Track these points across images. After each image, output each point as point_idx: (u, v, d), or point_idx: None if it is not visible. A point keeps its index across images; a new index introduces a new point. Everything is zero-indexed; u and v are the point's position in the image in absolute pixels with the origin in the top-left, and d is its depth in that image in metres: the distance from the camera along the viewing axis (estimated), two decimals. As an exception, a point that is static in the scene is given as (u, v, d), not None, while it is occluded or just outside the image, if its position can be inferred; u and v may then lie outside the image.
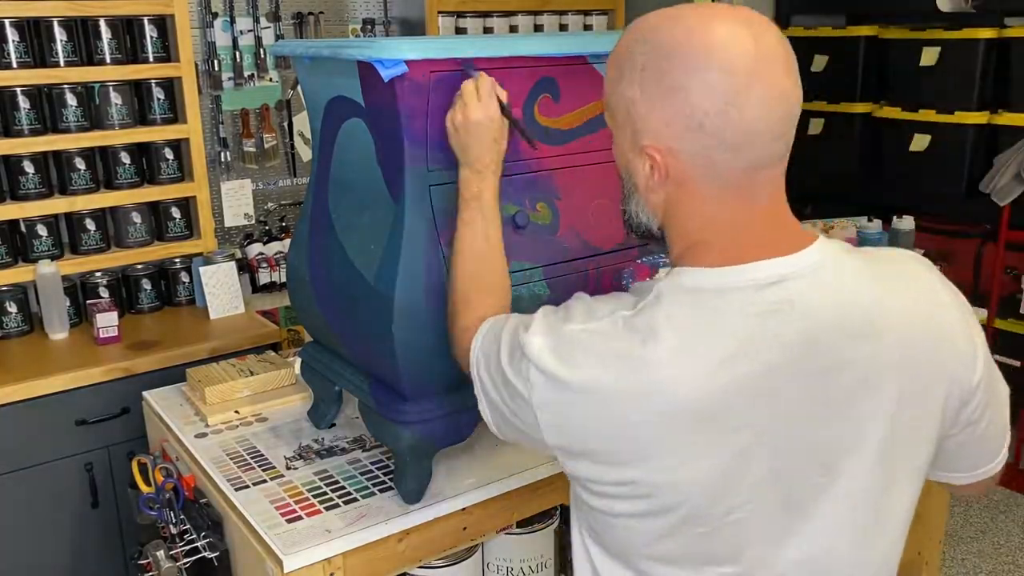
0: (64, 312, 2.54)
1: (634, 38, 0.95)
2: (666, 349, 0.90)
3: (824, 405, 0.93)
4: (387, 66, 1.28)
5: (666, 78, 0.90)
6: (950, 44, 3.49)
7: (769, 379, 0.91)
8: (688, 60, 0.89)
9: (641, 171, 0.97)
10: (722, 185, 0.93)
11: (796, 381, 0.92)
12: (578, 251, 1.54)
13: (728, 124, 0.89)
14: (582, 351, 0.94)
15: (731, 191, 0.93)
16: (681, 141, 0.92)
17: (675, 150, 0.92)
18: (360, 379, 1.55)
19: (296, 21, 3.12)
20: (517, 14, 3.44)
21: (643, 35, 0.94)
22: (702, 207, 0.95)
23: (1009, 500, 3.41)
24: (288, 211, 3.16)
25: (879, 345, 0.94)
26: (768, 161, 0.93)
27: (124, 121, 2.63)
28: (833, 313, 0.93)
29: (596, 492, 0.99)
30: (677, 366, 0.90)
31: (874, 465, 0.96)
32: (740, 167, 0.92)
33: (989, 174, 3.38)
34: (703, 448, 0.91)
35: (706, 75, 0.88)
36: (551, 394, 0.96)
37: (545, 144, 1.50)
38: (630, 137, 0.97)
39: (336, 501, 1.47)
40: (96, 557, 2.38)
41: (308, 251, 1.60)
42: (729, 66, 0.88)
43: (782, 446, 0.93)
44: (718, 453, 0.92)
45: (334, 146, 1.54)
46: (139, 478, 1.72)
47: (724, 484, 0.93)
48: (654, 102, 0.92)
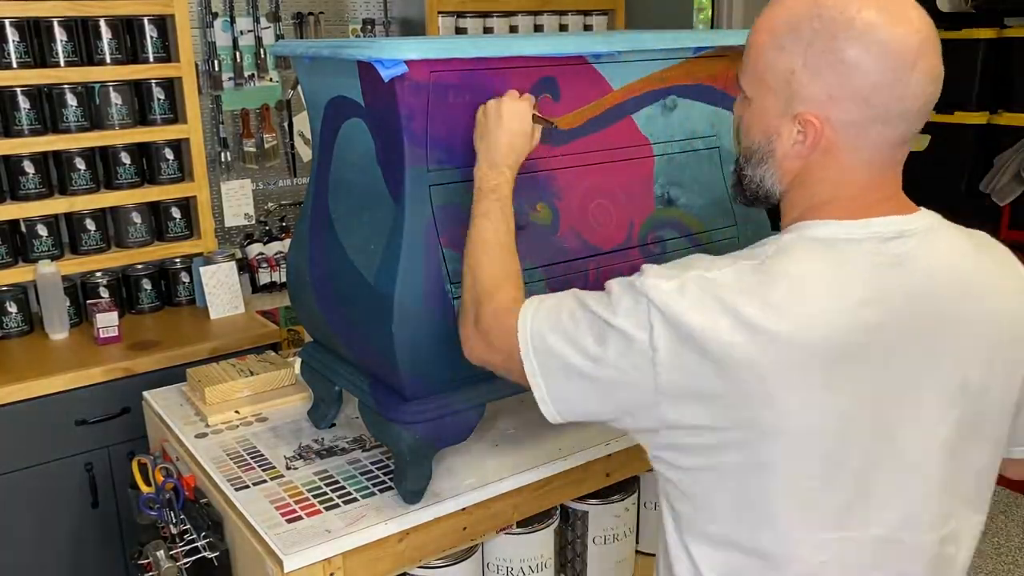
0: (64, 312, 2.54)
1: (801, 12, 0.98)
2: (797, 291, 0.94)
3: (930, 355, 0.98)
4: (387, 66, 1.28)
5: (838, 52, 0.94)
6: (950, 44, 3.47)
7: (890, 327, 0.96)
8: (862, 36, 0.94)
9: (787, 137, 1.00)
10: (868, 156, 0.98)
11: (911, 331, 0.97)
12: (578, 251, 1.54)
13: (893, 99, 0.95)
14: (711, 292, 0.95)
15: (875, 163, 0.99)
16: (842, 112, 0.96)
17: (832, 120, 0.97)
18: (360, 379, 1.55)
19: (296, 21, 3.12)
20: (517, 14, 3.44)
21: (813, 9, 0.97)
22: (842, 174, 1.00)
23: (1009, 500, 3.41)
24: (288, 211, 3.16)
25: (979, 308, 1.01)
26: (911, 136, 0.99)
27: (124, 121, 2.63)
28: (946, 272, 1.00)
29: (701, 446, 0.98)
30: (807, 307, 0.93)
31: (961, 422, 1.01)
32: (890, 141, 0.98)
33: (989, 174, 3.38)
34: (825, 391, 0.94)
35: (879, 51, 0.93)
36: (675, 333, 0.95)
37: (545, 144, 1.50)
38: (783, 103, 1.00)
39: (336, 501, 1.47)
40: (96, 557, 2.38)
41: (308, 251, 1.60)
42: (899, 44, 0.93)
43: (892, 392, 0.97)
44: (838, 397, 0.94)
45: (334, 146, 1.54)
46: (139, 478, 1.72)
47: (839, 431, 0.95)
48: (821, 73, 0.96)
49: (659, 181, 1.65)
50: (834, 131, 0.97)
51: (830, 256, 0.97)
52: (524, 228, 1.47)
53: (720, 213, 1.71)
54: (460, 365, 1.42)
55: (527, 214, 1.47)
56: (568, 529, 1.82)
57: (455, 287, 1.39)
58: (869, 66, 0.94)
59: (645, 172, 1.64)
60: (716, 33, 1.72)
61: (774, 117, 1.01)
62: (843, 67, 0.94)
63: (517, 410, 1.78)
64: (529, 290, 1.46)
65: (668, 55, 1.60)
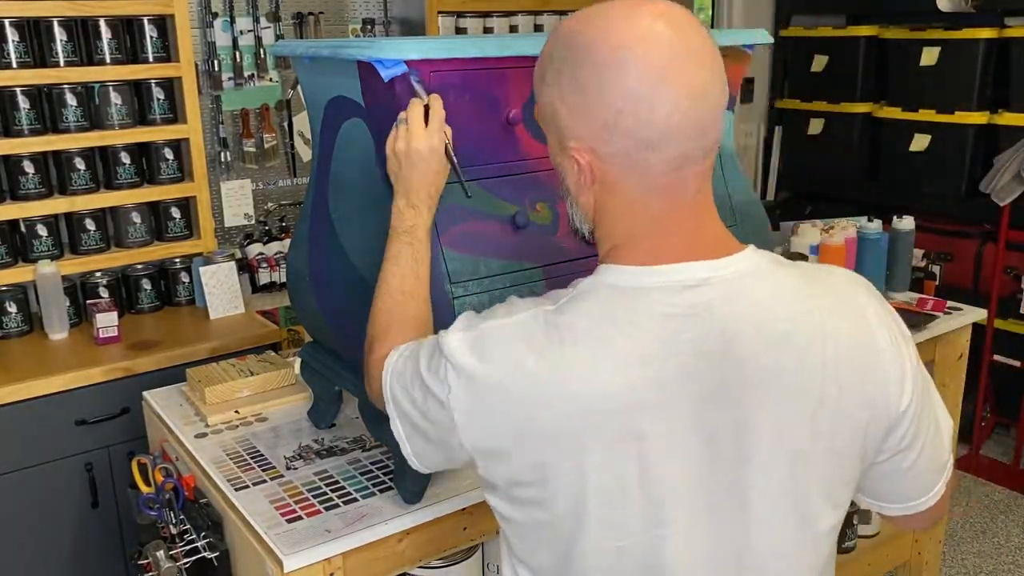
0: (64, 312, 2.54)
1: (554, 42, 0.95)
2: (583, 347, 0.89)
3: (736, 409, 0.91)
4: (387, 66, 1.28)
5: (580, 80, 0.90)
6: (950, 44, 3.50)
7: (683, 383, 0.90)
8: (599, 61, 0.89)
9: (571, 173, 0.97)
10: (647, 185, 0.92)
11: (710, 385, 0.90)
12: (578, 251, 1.53)
13: (641, 122, 0.88)
14: (499, 345, 0.93)
15: (656, 191, 0.92)
16: (601, 142, 0.91)
17: (597, 151, 0.92)
18: (360, 379, 1.55)
19: (296, 21, 3.12)
20: (517, 14, 3.44)
21: (561, 38, 0.94)
22: (629, 207, 0.94)
23: (1009, 500, 3.41)
24: (288, 211, 3.16)
25: (799, 357, 0.92)
26: (693, 158, 0.91)
27: (124, 121, 2.63)
28: (752, 321, 0.91)
29: (517, 499, 0.96)
30: (592, 364, 0.89)
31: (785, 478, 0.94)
32: (662, 166, 0.90)
33: (989, 174, 3.38)
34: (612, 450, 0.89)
35: (616, 74, 0.88)
36: (467, 391, 0.94)
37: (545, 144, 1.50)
38: (557, 140, 0.97)
39: (336, 501, 1.47)
40: (96, 557, 2.38)
41: (308, 251, 1.60)
42: (639, 64, 0.87)
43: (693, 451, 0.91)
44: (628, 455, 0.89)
45: (334, 146, 1.54)
46: (139, 478, 1.72)
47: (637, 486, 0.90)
48: (573, 104, 0.92)
49: (659, 181, 1.65)
50: (603, 163, 0.92)
51: (617, 310, 0.91)
52: (524, 228, 1.47)
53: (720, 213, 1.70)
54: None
55: (527, 214, 1.47)
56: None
57: (455, 287, 1.39)
58: (608, 91, 0.88)
59: (645, 172, 1.64)
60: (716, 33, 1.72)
61: (557, 155, 0.99)
62: (585, 95, 0.90)
63: (517, 410, 1.78)
64: (530, 290, 1.46)
65: (668, 55, 1.59)
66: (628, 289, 0.92)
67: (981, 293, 3.58)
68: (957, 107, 3.51)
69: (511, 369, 0.91)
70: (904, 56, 3.67)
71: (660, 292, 0.91)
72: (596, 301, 0.92)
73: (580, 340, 0.90)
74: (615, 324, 0.90)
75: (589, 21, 0.92)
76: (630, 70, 0.87)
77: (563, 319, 0.92)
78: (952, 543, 3.11)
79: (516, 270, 1.45)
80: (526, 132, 1.47)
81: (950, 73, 3.52)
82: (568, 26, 0.94)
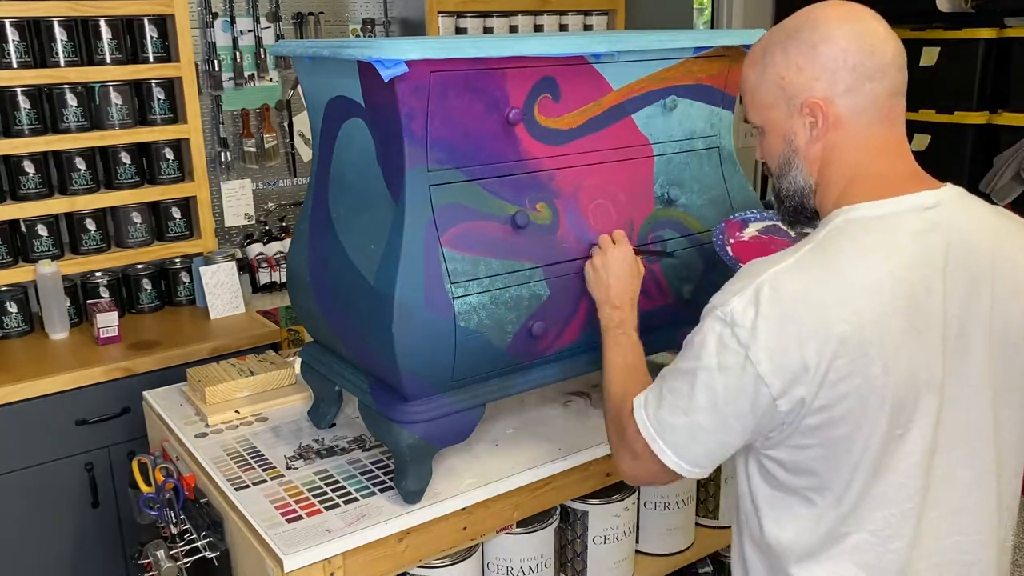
0: (64, 312, 2.54)
1: (761, 45, 1.17)
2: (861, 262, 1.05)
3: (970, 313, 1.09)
4: (387, 66, 1.28)
5: (806, 43, 1.11)
6: (950, 44, 3.49)
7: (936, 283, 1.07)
8: (816, 25, 1.11)
9: (802, 130, 1.14)
10: (872, 115, 1.11)
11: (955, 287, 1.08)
12: (578, 251, 1.54)
13: (865, 56, 1.09)
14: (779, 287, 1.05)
15: (878, 121, 1.11)
16: (833, 85, 1.10)
17: (829, 97, 1.11)
18: (360, 379, 1.55)
19: (296, 21, 3.12)
20: (517, 14, 3.44)
21: (768, 38, 1.16)
22: (855, 141, 1.12)
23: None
24: (288, 211, 3.16)
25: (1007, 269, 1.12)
26: (899, 88, 1.12)
27: (124, 121, 2.63)
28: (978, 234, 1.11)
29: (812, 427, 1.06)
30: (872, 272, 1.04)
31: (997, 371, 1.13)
32: (883, 93, 1.10)
33: (989, 174, 3.38)
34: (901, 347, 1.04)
35: (836, 28, 1.10)
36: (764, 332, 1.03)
37: (545, 144, 1.51)
38: (785, 108, 1.14)
39: (336, 501, 1.47)
40: (96, 557, 2.38)
41: (308, 251, 1.60)
42: (848, 16, 1.10)
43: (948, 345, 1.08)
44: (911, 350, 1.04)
45: (334, 146, 1.54)
46: (139, 478, 1.72)
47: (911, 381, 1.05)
48: (801, 65, 1.11)
49: (659, 181, 1.66)
50: (836, 105, 1.11)
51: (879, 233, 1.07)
52: (524, 228, 1.47)
53: (720, 212, 1.71)
54: (459, 365, 1.43)
55: (527, 214, 1.47)
56: (568, 529, 1.82)
57: (455, 287, 1.39)
58: (835, 40, 1.09)
59: (645, 172, 1.64)
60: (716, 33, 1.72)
61: (785, 122, 1.16)
62: (815, 51, 1.10)
63: (517, 410, 1.78)
64: (530, 290, 1.47)
65: (668, 55, 1.60)
66: (881, 216, 1.08)
67: (981, 293, 3.58)
68: (957, 107, 3.51)
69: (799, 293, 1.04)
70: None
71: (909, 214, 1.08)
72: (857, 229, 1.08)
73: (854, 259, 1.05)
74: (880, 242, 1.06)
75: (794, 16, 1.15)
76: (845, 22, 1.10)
77: (830, 249, 1.07)
78: (952, 543, 3.10)
79: (516, 270, 1.46)
80: (526, 132, 1.48)
81: (950, 73, 3.52)
82: (769, 33, 1.17)
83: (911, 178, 1.12)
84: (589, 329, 1.56)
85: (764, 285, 1.06)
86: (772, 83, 1.15)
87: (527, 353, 1.51)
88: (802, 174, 1.17)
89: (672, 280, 1.67)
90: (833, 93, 1.10)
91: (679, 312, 1.68)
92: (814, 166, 1.15)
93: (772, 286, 1.05)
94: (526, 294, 1.46)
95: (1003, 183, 3.30)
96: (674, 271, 1.66)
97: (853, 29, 1.10)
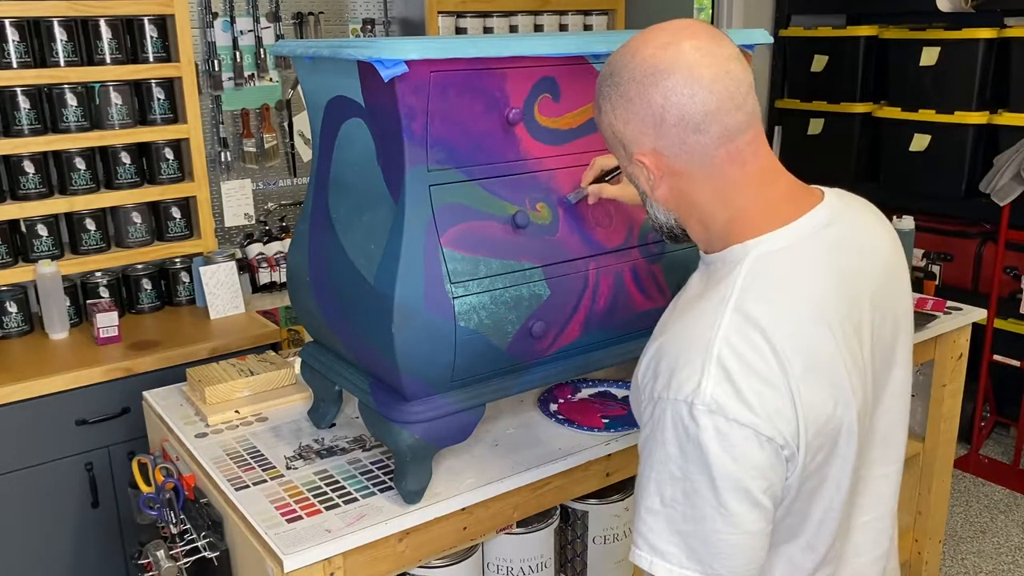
0: (64, 312, 2.54)
1: (601, 78, 1.11)
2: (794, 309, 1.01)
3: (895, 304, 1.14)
4: (387, 66, 1.28)
5: (624, 95, 1.06)
6: (950, 44, 3.49)
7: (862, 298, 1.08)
8: (635, 74, 1.05)
9: (642, 176, 1.10)
10: (709, 163, 1.05)
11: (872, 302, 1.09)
12: (578, 251, 1.54)
13: (683, 110, 1.02)
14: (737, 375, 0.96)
15: (719, 166, 1.05)
16: (658, 139, 1.05)
17: (658, 149, 1.06)
18: (360, 379, 1.55)
19: (296, 21, 3.12)
20: (517, 14, 3.44)
21: (601, 80, 1.11)
22: (703, 187, 1.07)
23: (1009, 500, 3.41)
24: (288, 211, 3.16)
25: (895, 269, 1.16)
26: (734, 131, 1.04)
27: (124, 121, 2.63)
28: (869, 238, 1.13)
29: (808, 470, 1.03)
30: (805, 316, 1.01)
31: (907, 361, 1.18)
32: (712, 143, 1.04)
33: (989, 174, 3.38)
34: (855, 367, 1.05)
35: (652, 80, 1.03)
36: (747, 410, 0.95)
37: (545, 144, 1.51)
38: (624, 154, 1.11)
39: (336, 501, 1.47)
40: (96, 557, 2.38)
41: (308, 251, 1.60)
42: (667, 66, 1.02)
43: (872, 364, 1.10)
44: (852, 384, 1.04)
45: (334, 146, 1.54)
46: (139, 478, 1.72)
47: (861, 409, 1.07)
48: (626, 117, 1.07)
49: (659, 181, 1.65)
50: (666, 156, 1.06)
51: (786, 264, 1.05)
52: (524, 228, 1.47)
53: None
54: (459, 365, 1.43)
55: (527, 214, 1.47)
56: (568, 529, 1.82)
57: (455, 287, 1.39)
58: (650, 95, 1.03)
59: (645, 172, 1.64)
60: (716, 33, 1.71)
61: (627, 167, 1.12)
62: (632, 105, 1.05)
63: (517, 410, 1.78)
64: (530, 290, 1.47)
65: (668, 55, 1.59)
66: (783, 250, 1.05)
67: (981, 293, 3.58)
68: (957, 107, 3.51)
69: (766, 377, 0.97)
70: (904, 56, 3.67)
71: (811, 240, 1.06)
72: (766, 272, 1.04)
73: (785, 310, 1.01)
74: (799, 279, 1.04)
75: (623, 49, 1.08)
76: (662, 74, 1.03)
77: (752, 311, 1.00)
78: (952, 543, 3.11)
79: (516, 270, 1.46)
80: (526, 132, 1.48)
81: (950, 73, 3.52)
82: (609, 61, 1.10)
83: (793, 199, 1.09)
84: (589, 329, 1.56)
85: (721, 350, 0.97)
86: (607, 129, 1.11)
87: (527, 353, 1.51)
88: (660, 212, 1.14)
89: (672, 280, 1.67)
90: (660, 147, 1.05)
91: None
92: (669, 205, 1.11)
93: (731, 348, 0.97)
94: (526, 294, 1.46)
95: (1003, 183, 3.30)
96: (674, 271, 1.66)
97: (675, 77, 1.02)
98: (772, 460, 0.96)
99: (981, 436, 3.69)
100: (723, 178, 1.06)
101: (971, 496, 3.43)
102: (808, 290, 1.03)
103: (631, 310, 1.62)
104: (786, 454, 0.97)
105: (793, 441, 0.97)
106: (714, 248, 1.10)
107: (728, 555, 0.96)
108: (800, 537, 1.08)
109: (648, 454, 1.01)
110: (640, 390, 1.06)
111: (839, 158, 3.98)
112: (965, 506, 3.36)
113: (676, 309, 1.11)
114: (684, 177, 1.07)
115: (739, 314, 0.99)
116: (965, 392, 2.49)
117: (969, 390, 2.76)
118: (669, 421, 0.98)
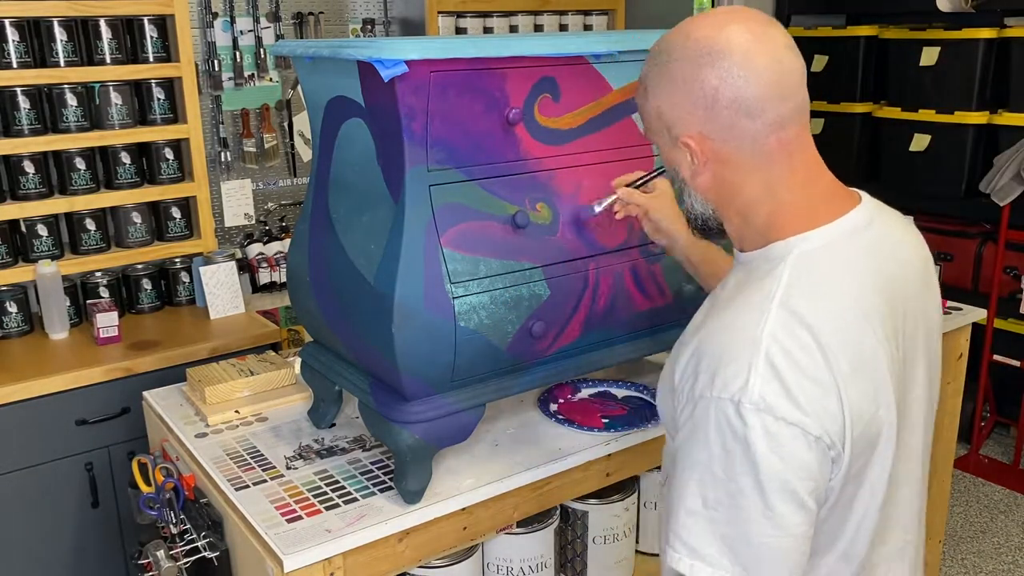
0: (64, 312, 2.54)
1: (649, 59, 1.09)
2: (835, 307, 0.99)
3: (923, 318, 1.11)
4: (387, 66, 1.28)
5: (676, 75, 1.03)
6: (950, 44, 3.49)
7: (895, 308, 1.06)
8: (689, 54, 1.02)
9: (684, 162, 1.07)
10: (759, 151, 1.03)
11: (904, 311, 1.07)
12: (578, 251, 1.54)
13: (737, 93, 1.00)
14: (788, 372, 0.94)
15: (768, 154, 1.03)
16: (707, 122, 1.02)
17: (705, 132, 1.03)
18: (360, 379, 1.55)
19: (296, 21, 3.12)
20: (517, 14, 3.44)
21: (651, 60, 1.08)
22: (749, 177, 1.05)
23: (1009, 500, 3.41)
24: (288, 211, 3.16)
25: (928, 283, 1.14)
26: (786, 120, 1.02)
27: (124, 121, 2.63)
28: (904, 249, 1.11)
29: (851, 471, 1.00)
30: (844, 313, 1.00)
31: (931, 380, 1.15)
32: (763, 129, 1.01)
33: (989, 174, 3.38)
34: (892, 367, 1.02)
35: (709, 60, 1.01)
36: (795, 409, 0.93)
37: (545, 144, 1.51)
38: (667, 138, 1.08)
39: (336, 501, 1.47)
40: (96, 557, 2.38)
41: (308, 251, 1.60)
42: (722, 48, 1.00)
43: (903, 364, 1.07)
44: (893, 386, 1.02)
45: (334, 146, 1.54)
46: (139, 478, 1.72)
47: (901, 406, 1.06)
48: (674, 98, 1.04)
49: (659, 181, 1.65)
50: (713, 141, 1.04)
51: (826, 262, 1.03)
52: (524, 228, 1.47)
53: (720, 213, 1.70)
54: (459, 365, 1.43)
55: (527, 214, 1.47)
56: (568, 529, 1.82)
57: (455, 287, 1.39)
58: (705, 75, 1.01)
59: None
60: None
61: (669, 152, 1.09)
62: (685, 85, 1.03)
63: (517, 410, 1.78)
64: (530, 290, 1.47)
65: (668, 55, 1.60)
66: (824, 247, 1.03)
67: (981, 293, 3.58)
68: (957, 107, 3.51)
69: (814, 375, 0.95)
70: (904, 56, 3.67)
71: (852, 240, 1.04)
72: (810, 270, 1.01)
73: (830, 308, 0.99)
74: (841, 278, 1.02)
75: (671, 34, 1.06)
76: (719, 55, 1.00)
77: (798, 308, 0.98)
78: (952, 543, 3.11)
79: (516, 270, 1.46)
80: (526, 132, 1.48)
81: (950, 73, 3.51)
82: (656, 44, 1.08)
83: (833, 198, 1.07)
84: (589, 329, 1.56)
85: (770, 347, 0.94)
86: (653, 112, 1.08)
87: (527, 353, 1.51)
88: (698, 202, 1.10)
89: (672, 280, 1.67)
90: (708, 130, 1.03)
91: (679, 312, 1.67)
92: (708, 195, 1.09)
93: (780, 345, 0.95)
94: (526, 294, 1.46)
95: (1003, 183, 3.30)
96: (674, 271, 1.66)
97: (731, 59, 1.00)
98: (819, 460, 0.94)
99: (981, 436, 3.69)
100: (770, 168, 1.03)
101: (971, 496, 3.43)
102: (851, 289, 1.01)
103: (631, 310, 1.62)
104: (832, 454, 0.95)
105: (839, 441, 0.95)
106: (749, 244, 1.08)
107: (771, 559, 0.94)
108: (837, 545, 1.05)
109: (687, 455, 0.97)
110: (678, 392, 1.02)
111: (839, 158, 3.96)
112: (965, 506, 3.36)
113: (715, 307, 1.07)
114: (730, 164, 1.04)
115: (786, 310, 0.97)
116: (965, 392, 2.49)
117: (969, 390, 2.75)
118: (712, 420, 0.95)
